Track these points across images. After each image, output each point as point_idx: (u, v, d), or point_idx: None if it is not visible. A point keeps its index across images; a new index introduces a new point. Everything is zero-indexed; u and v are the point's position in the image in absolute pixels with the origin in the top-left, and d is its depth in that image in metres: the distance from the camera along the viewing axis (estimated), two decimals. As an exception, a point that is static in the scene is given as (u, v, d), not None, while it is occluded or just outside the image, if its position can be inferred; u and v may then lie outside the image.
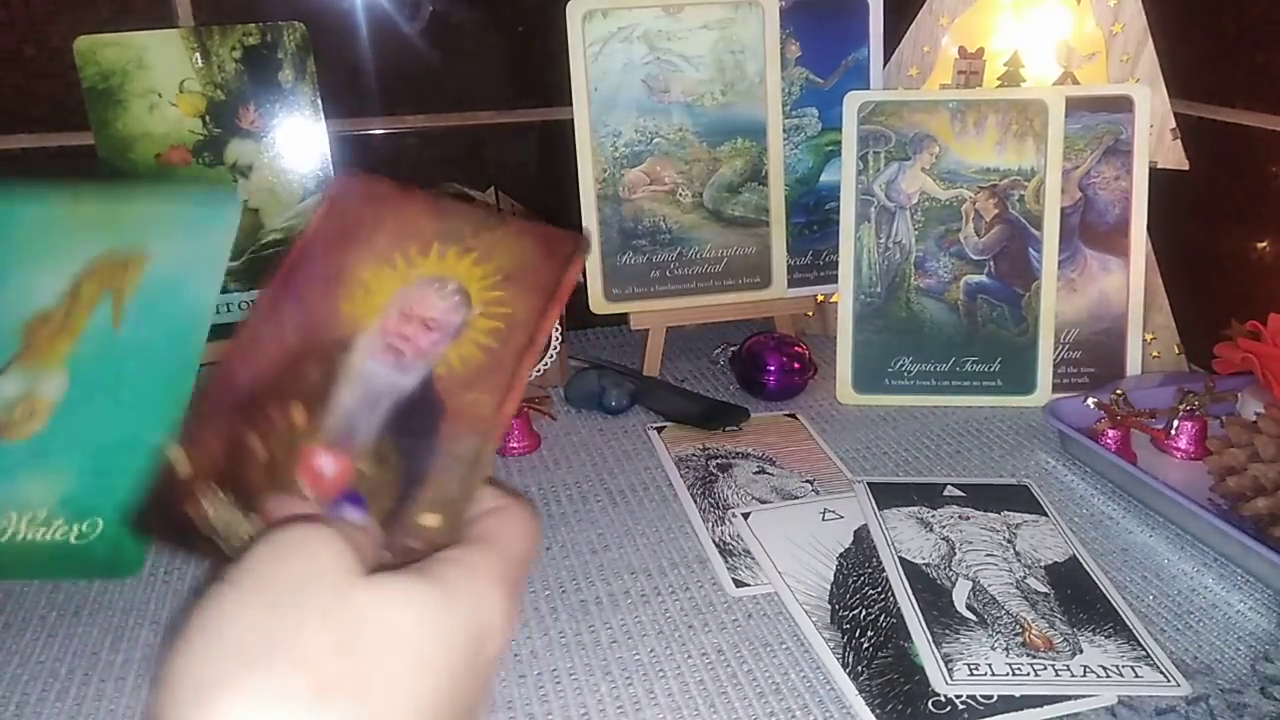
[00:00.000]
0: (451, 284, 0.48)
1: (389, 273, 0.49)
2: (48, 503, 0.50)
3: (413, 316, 0.47)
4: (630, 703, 0.53)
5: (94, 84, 0.77)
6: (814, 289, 0.96)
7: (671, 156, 0.88)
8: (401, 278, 0.48)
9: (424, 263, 0.49)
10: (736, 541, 0.67)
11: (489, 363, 0.46)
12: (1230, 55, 0.91)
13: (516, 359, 0.46)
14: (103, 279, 0.58)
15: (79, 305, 0.57)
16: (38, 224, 0.60)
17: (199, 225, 0.60)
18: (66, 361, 0.55)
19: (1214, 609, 0.60)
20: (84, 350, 0.55)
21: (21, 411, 0.53)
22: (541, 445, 0.80)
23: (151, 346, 0.56)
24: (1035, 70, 0.90)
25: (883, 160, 0.86)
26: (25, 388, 0.54)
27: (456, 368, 0.45)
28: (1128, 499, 0.72)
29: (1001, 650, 0.55)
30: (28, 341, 0.55)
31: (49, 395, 0.54)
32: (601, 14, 0.84)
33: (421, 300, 0.48)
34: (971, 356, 0.86)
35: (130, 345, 0.56)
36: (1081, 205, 0.86)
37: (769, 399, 0.88)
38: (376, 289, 0.48)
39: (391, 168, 0.98)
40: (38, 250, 0.59)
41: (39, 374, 0.54)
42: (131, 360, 0.55)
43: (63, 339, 0.55)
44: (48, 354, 0.55)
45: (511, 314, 0.48)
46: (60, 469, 0.51)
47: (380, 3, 0.92)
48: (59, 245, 0.59)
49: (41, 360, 0.55)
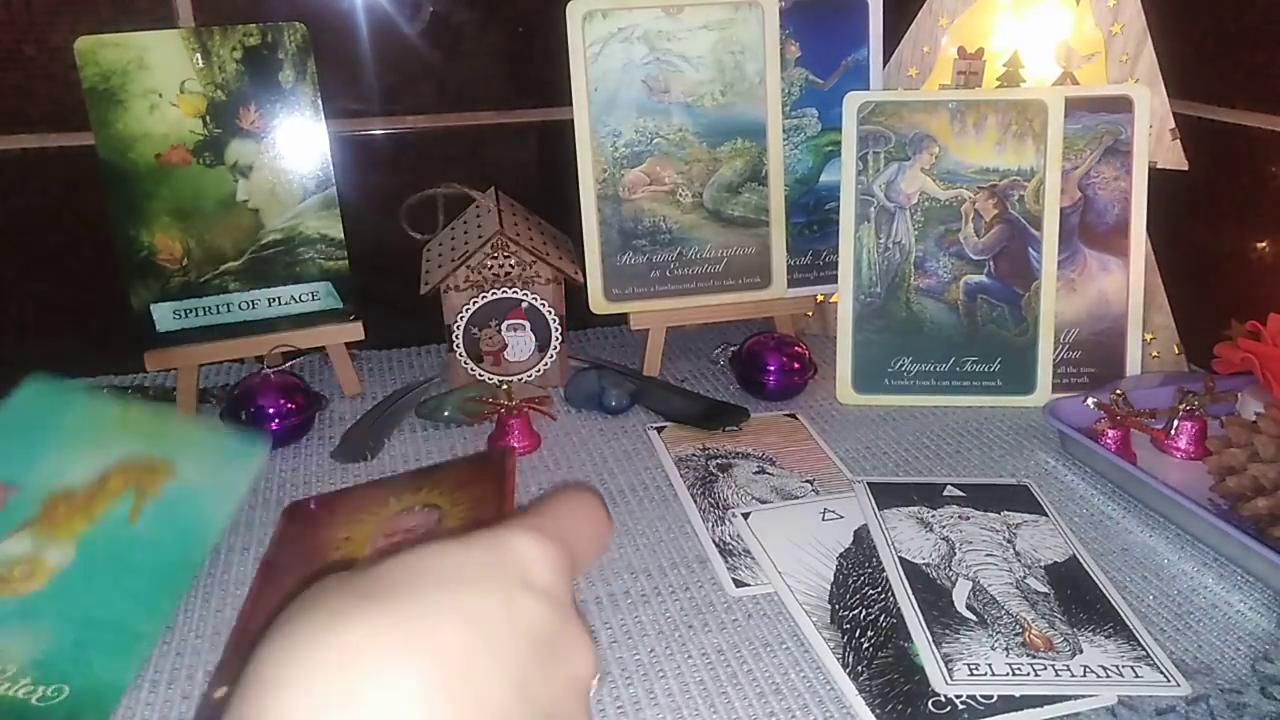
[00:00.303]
0: (417, 507, 0.65)
1: (360, 525, 0.64)
2: (19, 660, 0.51)
3: (396, 531, 0.62)
4: (630, 703, 0.53)
5: (94, 84, 0.77)
6: (814, 289, 0.96)
7: (671, 157, 0.88)
8: (376, 521, 0.64)
9: (387, 509, 0.66)
10: (736, 541, 0.67)
11: (473, 521, 0.58)
12: (1230, 55, 0.91)
13: (498, 503, 0.62)
14: (130, 477, 0.62)
15: (103, 493, 0.60)
16: (86, 414, 0.66)
17: (227, 456, 0.66)
18: (78, 538, 0.58)
19: (1214, 609, 0.61)
20: (97, 532, 0.58)
21: (21, 570, 0.55)
22: (541, 445, 0.80)
23: (161, 544, 0.59)
24: (1035, 70, 0.90)
25: (882, 160, 0.86)
26: (32, 551, 0.56)
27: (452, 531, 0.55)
28: (1128, 499, 0.72)
29: (1001, 650, 0.55)
30: (46, 512, 0.58)
31: (53, 562, 0.56)
32: (601, 14, 0.84)
33: (399, 521, 0.64)
34: (971, 356, 0.86)
35: (141, 539, 0.58)
36: (1081, 205, 0.86)
37: (769, 399, 0.88)
38: (356, 534, 0.63)
39: (391, 168, 0.98)
40: (78, 437, 0.64)
41: (48, 542, 0.57)
42: (139, 552, 0.58)
43: (80, 519, 0.59)
44: (62, 528, 0.58)
45: (477, 500, 0.64)
46: (43, 631, 0.53)
47: (380, 3, 0.92)
48: (99, 437, 0.64)
49: (54, 531, 0.58)
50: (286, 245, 0.84)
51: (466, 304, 0.85)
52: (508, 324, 0.87)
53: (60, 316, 0.94)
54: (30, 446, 0.62)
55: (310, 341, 0.87)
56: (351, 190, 0.90)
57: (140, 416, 0.68)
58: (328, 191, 0.84)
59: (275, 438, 0.79)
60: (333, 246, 0.85)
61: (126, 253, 0.80)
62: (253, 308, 0.85)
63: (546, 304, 0.87)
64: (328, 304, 0.86)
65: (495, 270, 0.85)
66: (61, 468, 0.61)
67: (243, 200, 0.82)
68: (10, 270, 0.91)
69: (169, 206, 0.80)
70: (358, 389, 0.89)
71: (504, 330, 0.87)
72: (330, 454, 0.79)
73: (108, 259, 0.82)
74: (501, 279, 0.86)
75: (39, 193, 0.90)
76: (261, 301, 0.85)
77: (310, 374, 0.91)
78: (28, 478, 0.60)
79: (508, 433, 0.79)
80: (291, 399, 0.79)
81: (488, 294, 0.85)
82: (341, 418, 0.85)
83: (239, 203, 0.82)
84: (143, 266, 0.81)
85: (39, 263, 0.92)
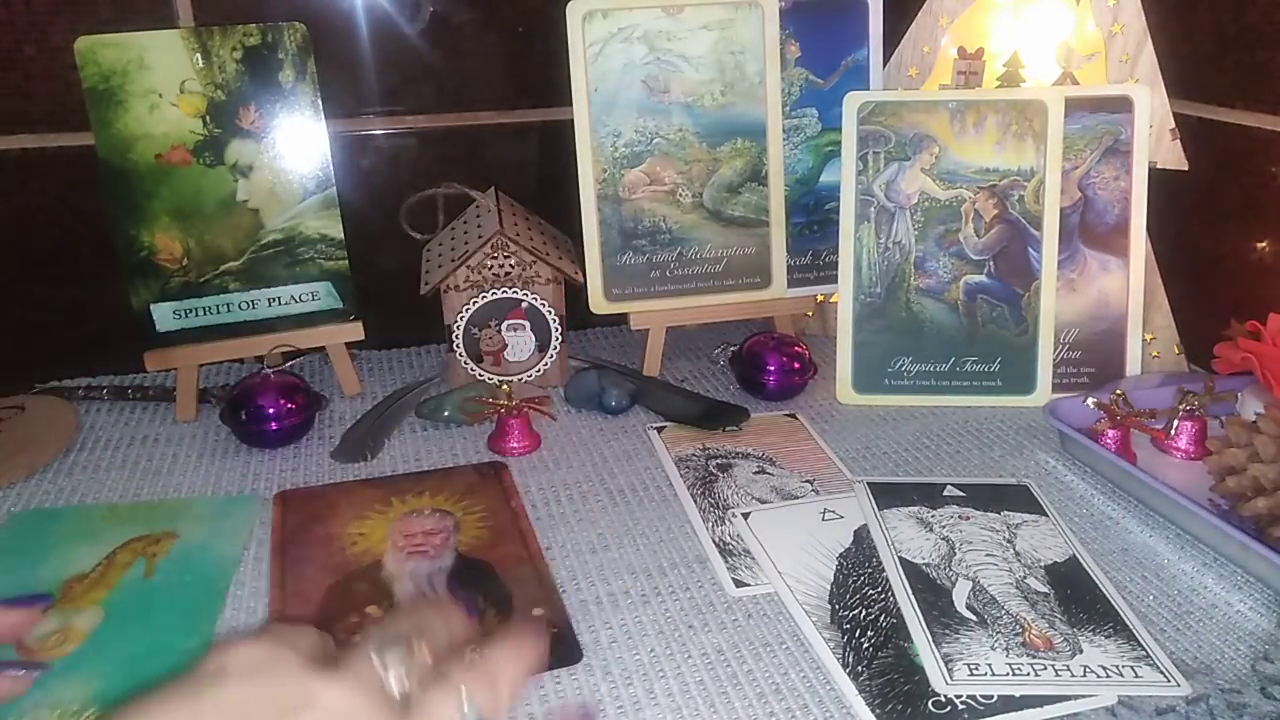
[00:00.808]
0: (427, 510, 0.70)
1: (370, 523, 0.68)
2: (80, 698, 0.54)
3: (414, 534, 0.67)
4: (630, 703, 0.53)
5: (94, 84, 0.77)
6: (814, 289, 0.96)
7: (671, 157, 0.88)
8: (385, 520, 0.69)
9: (391, 511, 0.70)
10: (736, 541, 0.67)
11: (494, 534, 0.67)
12: (1230, 55, 0.91)
13: (514, 520, 0.68)
14: (136, 550, 0.66)
15: (113, 568, 0.64)
16: (76, 521, 0.70)
17: (224, 512, 0.71)
18: (101, 603, 0.61)
19: (1214, 609, 0.60)
20: (118, 593, 0.62)
21: (56, 640, 0.58)
22: (541, 445, 0.80)
23: (182, 584, 0.63)
24: (1035, 71, 0.90)
25: (882, 160, 0.86)
26: (59, 624, 0.59)
27: (476, 542, 0.66)
28: (1128, 499, 0.72)
29: (1001, 650, 0.55)
30: (64, 593, 0.62)
31: (83, 626, 0.59)
32: (601, 14, 0.84)
33: (413, 524, 0.68)
34: (971, 356, 0.86)
35: (162, 585, 0.63)
36: (1081, 205, 0.86)
37: (769, 399, 0.88)
38: (370, 531, 0.67)
39: (391, 168, 0.98)
40: (75, 537, 0.68)
41: (74, 614, 0.60)
42: (165, 594, 0.62)
43: (98, 590, 0.62)
44: (82, 600, 0.61)
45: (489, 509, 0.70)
46: (94, 675, 0.55)
47: (380, 3, 0.92)
48: (95, 533, 0.68)
49: (76, 604, 0.61)
50: (286, 245, 0.84)
51: (466, 304, 0.85)
52: (508, 324, 0.87)
53: (60, 316, 0.94)
54: (32, 560, 0.65)
55: (310, 341, 0.87)
56: (351, 190, 0.90)
57: (128, 511, 0.71)
58: (328, 191, 0.84)
59: (275, 438, 0.79)
60: (333, 246, 0.85)
61: (126, 253, 0.80)
62: (253, 308, 0.85)
63: (546, 304, 0.87)
64: (328, 304, 0.86)
65: (495, 270, 0.85)
66: (66, 561, 0.65)
67: (243, 200, 0.82)
68: (10, 270, 0.91)
69: (169, 206, 0.80)
70: (358, 389, 0.89)
71: (504, 330, 0.87)
72: (330, 454, 0.79)
73: (108, 259, 0.82)
74: (501, 279, 0.86)
75: (39, 193, 0.90)
76: (261, 301, 0.85)
77: (310, 374, 0.91)
78: (42, 578, 0.64)
79: (508, 433, 0.79)
80: (291, 399, 0.79)
81: (488, 294, 0.85)
82: (341, 418, 0.85)
83: (239, 203, 0.82)
84: (143, 266, 0.81)
85: (39, 263, 0.92)
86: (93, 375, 0.91)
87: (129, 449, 0.80)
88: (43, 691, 0.53)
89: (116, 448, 0.80)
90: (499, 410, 0.80)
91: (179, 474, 0.76)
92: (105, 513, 0.71)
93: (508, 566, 0.63)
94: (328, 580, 0.62)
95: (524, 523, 0.68)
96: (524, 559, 0.64)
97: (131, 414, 0.86)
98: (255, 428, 0.78)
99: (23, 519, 0.70)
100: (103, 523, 0.70)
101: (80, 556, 0.65)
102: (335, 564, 0.64)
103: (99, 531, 0.68)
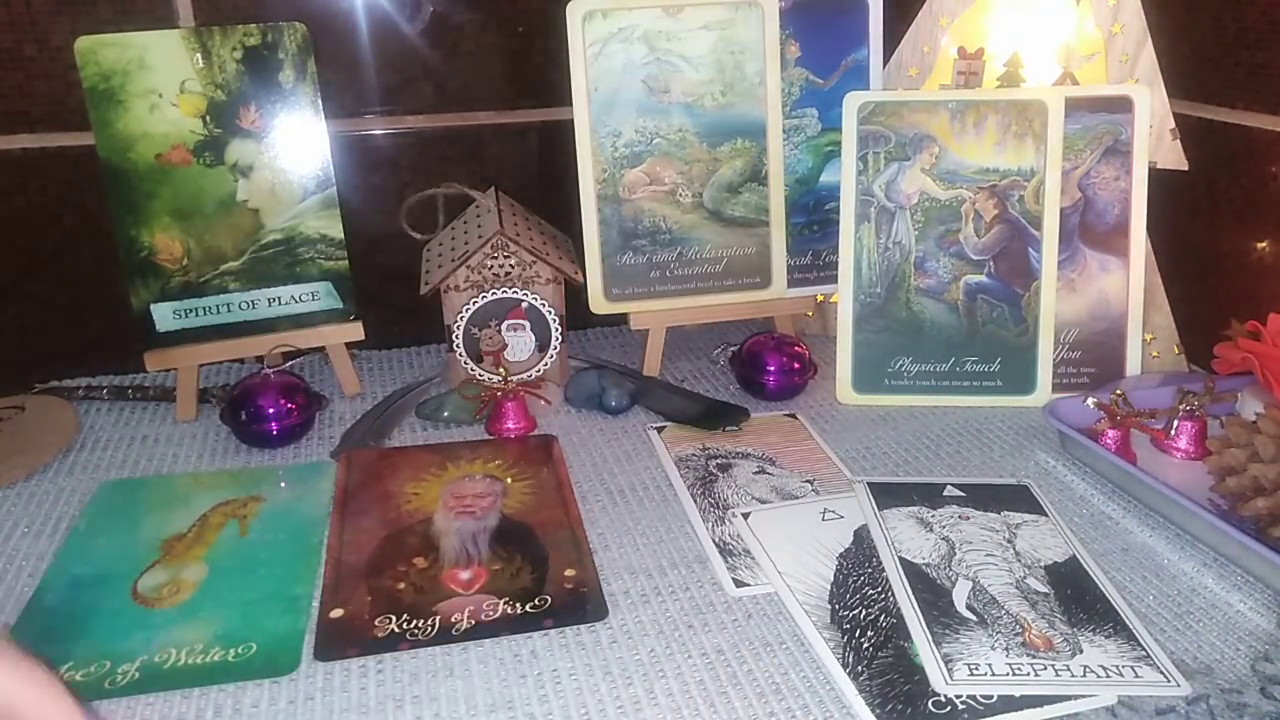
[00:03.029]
0: (479, 475, 0.74)
1: (425, 483, 0.73)
2: (204, 639, 0.57)
3: (465, 495, 0.72)
4: (630, 703, 0.53)
5: (94, 84, 0.77)
6: (814, 289, 0.96)
7: (671, 157, 0.88)
8: (440, 483, 0.73)
9: (446, 474, 0.74)
10: (736, 541, 0.67)
11: (538, 501, 0.71)
12: (1230, 55, 0.91)
13: (558, 489, 0.72)
14: (226, 512, 0.70)
15: (208, 528, 0.68)
16: (162, 489, 0.74)
17: (302, 478, 0.75)
18: (204, 558, 0.65)
19: (1214, 609, 0.61)
20: (217, 550, 0.66)
21: (169, 590, 0.62)
22: (536, 427, 0.82)
23: (277, 541, 0.67)
24: (1035, 71, 0.90)
25: (882, 160, 0.86)
26: (168, 577, 0.63)
27: (520, 506, 0.70)
28: (1128, 499, 0.72)
29: (1001, 650, 0.55)
30: (166, 551, 0.66)
31: (191, 578, 0.63)
32: (601, 14, 0.84)
33: (464, 487, 0.73)
34: (971, 356, 0.86)
35: (258, 544, 0.67)
36: (1081, 205, 0.86)
37: (769, 399, 0.88)
38: (424, 491, 0.72)
39: (391, 168, 0.98)
40: (167, 502, 0.72)
41: (180, 568, 0.64)
42: (263, 550, 0.66)
43: (197, 547, 0.66)
44: (185, 556, 0.66)
45: (537, 481, 0.73)
46: (212, 618, 0.59)
47: (380, 3, 0.92)
48: (186, 498, 0.72)
49: (180, 560, 0.65)
50: (286, 245, 0.84)
51: (466, 304, 0.85)
52: (508, 324, 0.87)
53: (60, 316, 0.94)
54: (130, 523, 0.69)
55: (310, 341, 0.87)
56: (351, 190, 0.90)
57: (211, 479, 0.75)
58: (328, 191, 0.84)
59: (275, 438, 0.79)
60: (333, 246, 0.85)
61: (126, 253, 0.80)
62: (253, 308, 0.85)
63: (546, 304, 0.87)
64: (328, 304, 0.86)
65: (495, 270, 0.85)
66: (162, 523, 0.69)
67: (243, 200, 0.82)
68: (10, 270, 0.91)
69: (169, 206, 0.80)
70: (358, 389, 0.89)
71: (504, 330, 0.87)
72: (330, 454, 0.79)
73: (108, 259, 0.82)
74: (501, 279, 0.86)
75: (39, 193, 0.90)
76: (261, 301, 0.85)
77: (310, 374, 0.91)
78: (143, 538, 0.67)
79: (504, 415, 0.80)
80: (291, 399, 0.79)
81: (488, 294, 0.85)
82: (341, 418, 0.85)
83: (239, 203, 0.82)
84: (143, 266, 0.81)
85: (39, 263, 0.92)
86: (93, 375, 0.91)
87: (129, 449, 0.80)
88: (165, 634, 0.57)
89: (116, 448, 0.80)
90: (495, 394, 0.81)
91: (179, 474, 0.77)
92: (189, 480, 0.75)
93: (548, 530, 0.67)
94: (381, 533, 0.67)
95: (567, 491, 0.72)
96: (564, 524, 0.68)
97: (131, 414, 0.86)
98: (255, 428, 0.79)
99: (111, 488, 0.74)
100: (188, 489, 0.73)
101: (175, 519, 0.69)
102: (390, 519, 0.69)
103: (186, 497, 0.72)
